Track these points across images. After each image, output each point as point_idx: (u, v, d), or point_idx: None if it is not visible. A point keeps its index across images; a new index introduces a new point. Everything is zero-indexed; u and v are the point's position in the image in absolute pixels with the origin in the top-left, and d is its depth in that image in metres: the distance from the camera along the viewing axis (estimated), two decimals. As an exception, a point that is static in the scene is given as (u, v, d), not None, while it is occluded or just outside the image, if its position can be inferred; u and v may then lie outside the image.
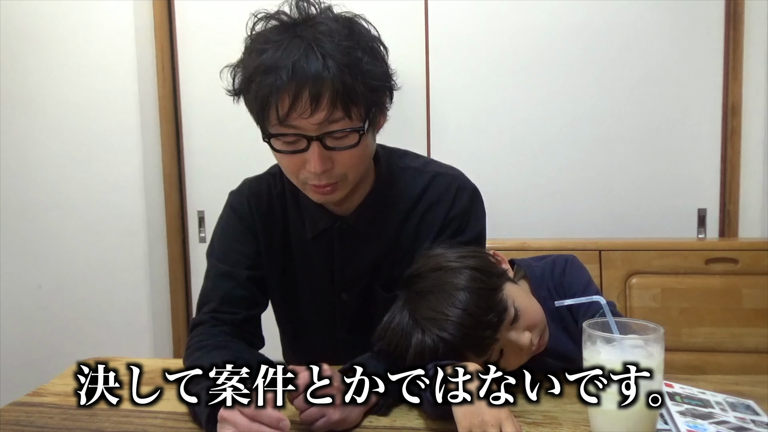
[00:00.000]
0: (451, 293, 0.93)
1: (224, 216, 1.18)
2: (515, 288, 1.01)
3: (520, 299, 0.98)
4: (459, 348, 0.92)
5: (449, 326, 0.91)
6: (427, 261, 1.00)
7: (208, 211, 2.24)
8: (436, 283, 0.96)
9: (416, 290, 0.97)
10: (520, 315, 0.96)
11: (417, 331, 0.93)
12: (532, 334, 0.97)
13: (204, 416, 0.87)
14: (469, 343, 0.92)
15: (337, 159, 0.98)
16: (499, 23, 2.02)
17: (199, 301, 1.14)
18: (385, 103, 1.02)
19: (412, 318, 0.95)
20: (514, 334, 0.96)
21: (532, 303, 1.01)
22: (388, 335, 0.96)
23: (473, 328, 0.91)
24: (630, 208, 2.03)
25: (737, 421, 0.84)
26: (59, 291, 2.24)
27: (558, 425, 0.88)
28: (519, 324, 0.96)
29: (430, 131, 2.09)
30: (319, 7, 0.99)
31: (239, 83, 0.99)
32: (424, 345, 0.92)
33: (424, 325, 0.93)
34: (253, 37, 0.99)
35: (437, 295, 0.94)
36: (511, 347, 0.96)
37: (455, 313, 0.91)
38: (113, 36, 2.10)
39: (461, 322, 0.91)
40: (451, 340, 0.91)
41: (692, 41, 1.95)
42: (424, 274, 0.98)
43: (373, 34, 1.00)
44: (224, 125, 2.14)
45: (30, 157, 2.20)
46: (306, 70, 0.91)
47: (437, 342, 0.91)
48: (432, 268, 0.98)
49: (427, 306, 0.94)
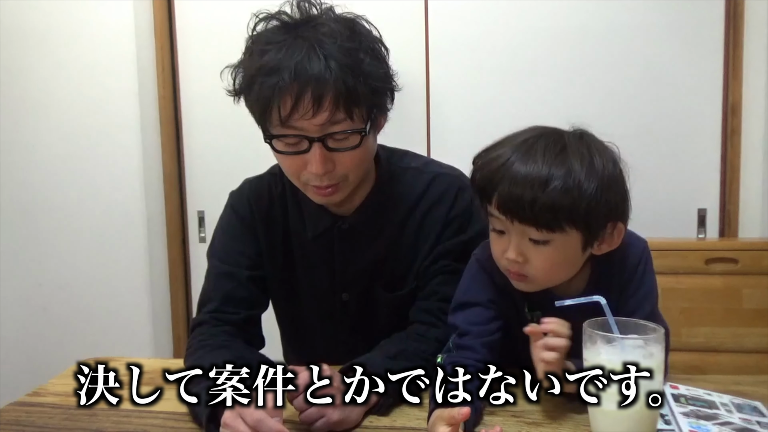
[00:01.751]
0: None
1: (225, 216, 1.18)
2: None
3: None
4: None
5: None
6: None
7: (208, 211, 2.24)
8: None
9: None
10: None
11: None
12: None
13: (204, 416, 0.87)
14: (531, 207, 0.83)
15: (339, 160, 0.98)
16: (499, 23, 2.02)
17: (200, 301, 1.14)
18: (387, 104, 1.02)
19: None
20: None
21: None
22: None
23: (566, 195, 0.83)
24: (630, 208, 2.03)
25: (742, 423, 0.83)
26: (59, 291, 2.24)
27: (558, 425, 0.88)
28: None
29: (430, 131, 2.09)
30: (320, 8, 0.99)
31: (240, 84, 0.99)
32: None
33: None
34: (254, 37, 0.99)
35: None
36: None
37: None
38: (113, 36, 2.10)
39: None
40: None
41: (692, 41, 1.95)
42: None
43: (374, 35, 1.01)
44: (224, 125, 2.14)
45: (30, 156, 2.20)
46: (308, 71, 0.91)
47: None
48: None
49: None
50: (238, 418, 0.81)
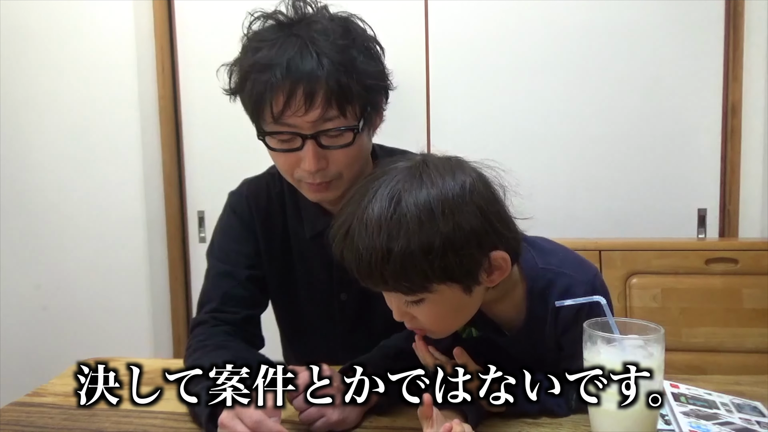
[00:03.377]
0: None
1: (224, 216, 1.18)
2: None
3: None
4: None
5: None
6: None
7: (208, 211, 2.24)
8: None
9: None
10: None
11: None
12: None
13: (204, 416, 0.87)
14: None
15: (332, 158, 0.98)
16: (499, 23, 2.02)
17: (200, 301, 1.14)
18: (381, 102, 1.02)
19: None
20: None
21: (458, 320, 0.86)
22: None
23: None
24: (630, 208, 2.03)
25: (742, 423, 0.84)
26: (59, 291, 2.24)
27: (558, 425, 0.88)
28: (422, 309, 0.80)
29: (430, 131, 2.09)
30: (316, 7, 0.99)
31: (235, 82, 0.99)
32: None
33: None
34: (249, 36, 0.99)
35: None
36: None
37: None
38: (113, 36, 2.10)
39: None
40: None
41: (692, 41, 1.95)
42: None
43: (368, 33, 1.00)
44: (224, 125, 2.14)
45: (30, 157, 2.20)
46: (300, 67, 0.91)
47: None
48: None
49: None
50: (236, 418, 0.81)
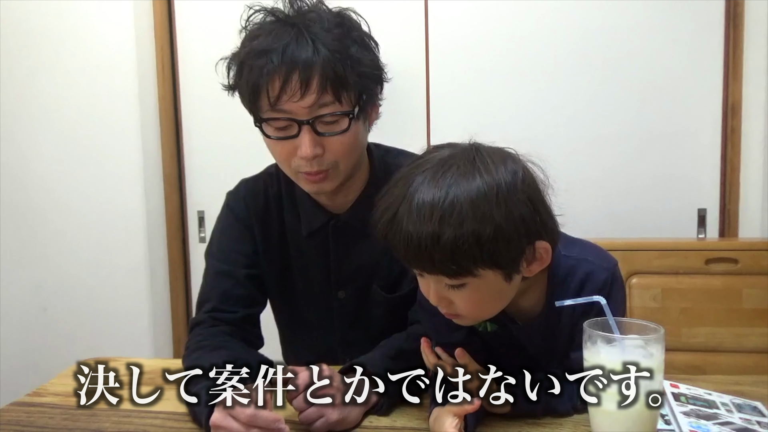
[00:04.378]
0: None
1: (222, 216, 1.19)
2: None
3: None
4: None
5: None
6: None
7: (208, 211, 2.24)
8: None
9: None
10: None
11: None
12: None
13: (204, 416, 0.87)
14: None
15: (328, 146, 0.99)
16: (499, 23, 2.02)
17: (198, 300, 1.15)
18: (376, 91, 1.03)
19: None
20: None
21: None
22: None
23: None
24: (630, 208, 2.03)
25: (742, 423, 0.83)
26: (59, 291, 2.24)
27: (558, 425, 0.88)
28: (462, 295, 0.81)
29: (430, 131, 2.09)
30: (311, 2, 1.01)
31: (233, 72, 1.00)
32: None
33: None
34: (246, 28, 1.01)
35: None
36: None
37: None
38: (113, 36, 2.10)
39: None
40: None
41: (692, 41, 1.95)
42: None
43: (363, 27, 1.03)
44: (224, 125, 2.14)
45: (30, 156, 2.20)
46: (296, 53, 0.93)
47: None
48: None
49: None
50: (228, 417, 0.81)
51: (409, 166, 0.82)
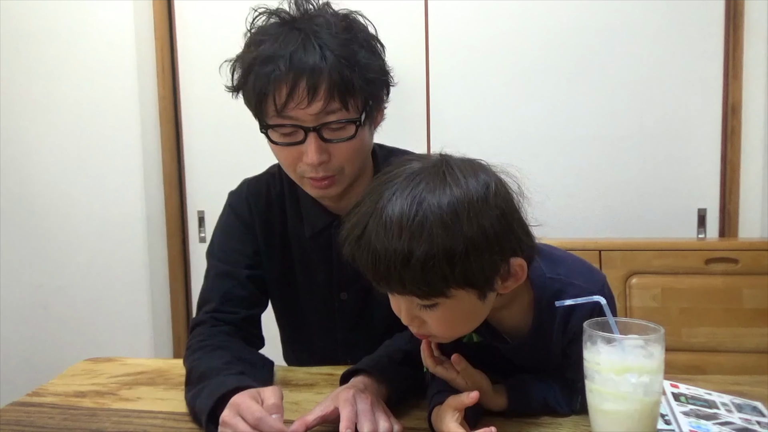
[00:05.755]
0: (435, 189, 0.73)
1: (223, 216, 1.18)
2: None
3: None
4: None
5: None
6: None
7: (208, 211, 2.24)
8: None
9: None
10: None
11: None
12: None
13: (204, 416, 0.87)
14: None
15: (334, 152, 0.98)
16: (499, 23, 2.02)
17: (199, 300, 1.14)
18: (382, 96, 1.03)
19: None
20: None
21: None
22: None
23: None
24: (630, 208, 2.03)
25: (742, 423, 0.83)
26: (59, 291, 2.24)
27: (558, 425, 0.88)
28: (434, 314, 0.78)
29: (430, 131, 2.09)
30: (317, 4, 1.00)
31: (238, 76, 1.00)
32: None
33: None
34: (252, 31, 1.00)
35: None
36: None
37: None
38: (113, 36, 2.10)
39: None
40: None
41: (692, 41, 1.95)
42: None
43: (369, 31, 1.02)
44: (224, 125, 2.14)
45: (30, 157, 2.20)
46: (303, 60, 0.92)
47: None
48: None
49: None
50: (237, 416, 0.81)
51: (377, 180, 0.79)
